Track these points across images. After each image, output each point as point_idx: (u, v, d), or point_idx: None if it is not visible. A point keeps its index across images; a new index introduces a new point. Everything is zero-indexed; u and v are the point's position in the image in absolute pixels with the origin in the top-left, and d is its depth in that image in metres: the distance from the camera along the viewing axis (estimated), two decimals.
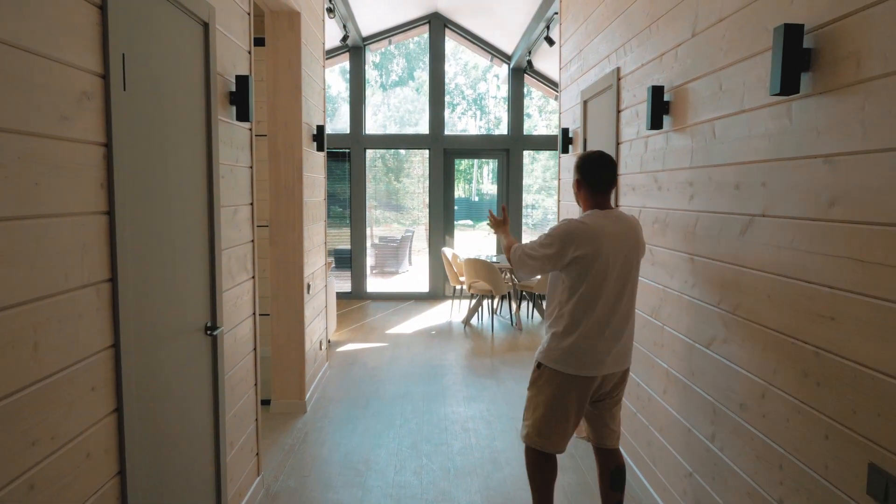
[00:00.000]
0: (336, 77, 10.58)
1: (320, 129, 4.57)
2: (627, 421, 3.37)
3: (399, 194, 12.35)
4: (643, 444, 3.14)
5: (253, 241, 3.00)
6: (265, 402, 4.32)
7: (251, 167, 2.96)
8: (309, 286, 4.42)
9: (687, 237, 2.59)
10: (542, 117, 13.38)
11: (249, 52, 2.92)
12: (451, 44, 9.06)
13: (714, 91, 2.33)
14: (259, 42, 4.15)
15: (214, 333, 2.39)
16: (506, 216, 2.90)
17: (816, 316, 1.72)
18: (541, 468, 2.57)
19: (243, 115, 2.67)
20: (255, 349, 3.06)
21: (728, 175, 2.23)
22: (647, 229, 3.05)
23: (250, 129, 2.94)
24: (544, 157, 12.44)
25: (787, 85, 1.73)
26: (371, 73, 12.40)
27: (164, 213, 2.01)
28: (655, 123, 2.81)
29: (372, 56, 11.81)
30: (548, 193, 14.04)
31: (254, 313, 3.04)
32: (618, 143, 3.52)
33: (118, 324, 1.71)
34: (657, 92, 2.78)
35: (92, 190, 1.59)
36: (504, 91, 9.27)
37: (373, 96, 12.32)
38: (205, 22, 2.31)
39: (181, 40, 2.14)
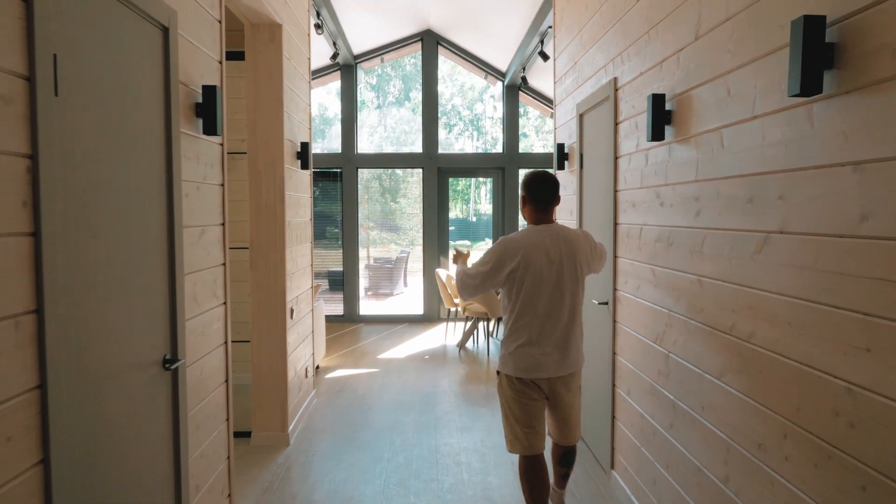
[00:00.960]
0: (333, 99, 10.44)
1: (304, 146, 4.37)
2: (631, 454, 3.12)
3: (395, 215, 12.17)
4: (648, 482, 2.89)
5: (224, 264, 2.78)
6: (245, 434, 4.07)
7: (222, 185, 2.75)
8: (292, 311, 4.19)
9: (694, 256, 2.38)
10: (538, 137, 13.24)
11: (220, 63, 2.73)
12: (449, 64, 8.94)
13: (721, 97, 2.14)
14: (239, 56, 3.98)
15: (174, 367, 2.15)
16: (465, 254, 3.04)
17: (848, 346, 1.50)
18: (526, 472, 2.73)
19: (211, 129, 2.47)
20: (226, 381, 2.82)
21: (739, 188, 2.02)
22: (650, 248, 2.83)
23: (221, 145, 2.73)
24: None
25: (809, 84, 1.52)
26: (367, 95, 12.31)
27: (110, 235, 1.79)
28: (657, 134, 2.61)
29: (367, 77, 11.72)
30: None
31: (225, 342, 2.81)
32: (616, 158, 3.32)
33: (45, 361, 1.48)
34: (658, 101, 2.59)
35: (10, 208, 1.38)
36: (500, 110, 9.13)
37: (369, 118, 12.20)
38: (164, 26, 2.12)
39: (134, 44, 1.95)
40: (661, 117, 2.59)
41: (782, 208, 1.78)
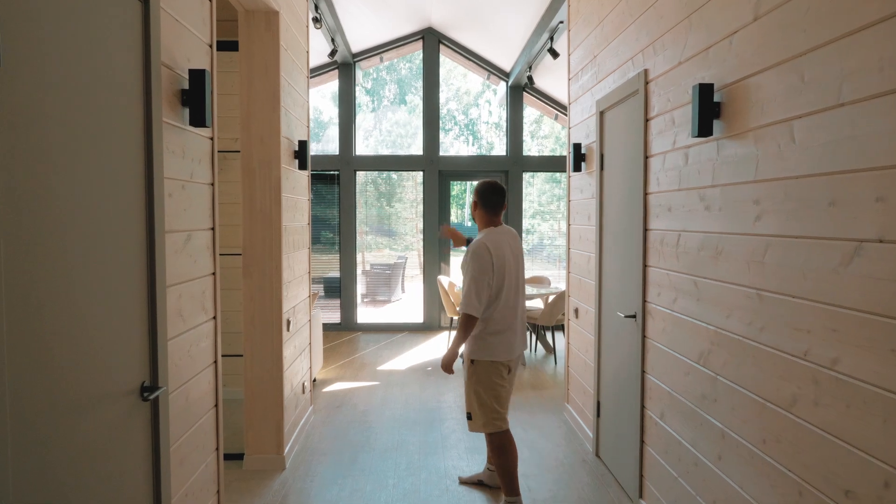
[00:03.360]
0: (328, 103, 10.13)
1: (303, 144, 4.06)
2: (665, 484, 2.82)
3: (391, 219, 11.86)
4: None
5: (214, 273, 2.47)
6: (238, 457, 3.74)
7: (212, 184, 2.44)
8: (289, 322, 3.87)
9: (752, 268, 2.08)
10: (534, 141, 12.97)
11: (211, 47, 2.43)
12: (445, 68, 8.64)
13: (792, 84, 1.84)
14: (233, 46, 3.67)
15: (153, 396, 1.83)
16: (450, 231, 3.65)
17: None
18: (508, 446, 3.12)
19: (199, 120, 2.16)
20: (216, 405, 2.50)
21: (818, 189, 1.73)
22: (691, 257, 2.54)
23: (211, 139, 2.42)
24: (539, 180, 12.00)
25: None
26: (363, 98, 12.01)
27: (72, 240, 1.48)
28: (703, 130, 2.32)
29: (365, 81, 11.41)
30: (543, 218, 13.55)
31: (215, 361, 2.49)
32: (646, 157, 3.03)
33: None
34: (705, 91, 2.30)
35: None
36: (496, 115, 8.85)
37: (364, 121, 11.90)
38: None
39: (106, 14, 1.64)
40: (708, 110, 2.30)
41: (882, 212, 1.48)
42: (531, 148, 12.75)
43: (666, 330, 2.82)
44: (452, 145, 14.62)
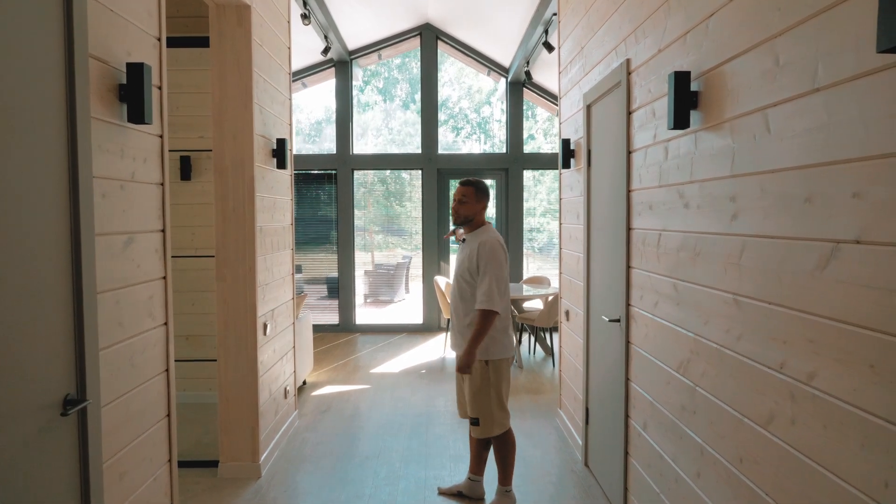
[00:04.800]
0: (330, 101, 10.01)
1: (282, 143, 3.94)
2: (647, 499, 2.66)
3: (400, 219, 11.73)
4: None
5: (165, 277, 2.35)
6: (213, 464, 3.63)
7: (161, 184, 2.32)
8: (266, 326, 3.75)
9: (728, 270, 1.92)
10: (546, 140, 12.76)
11: (160, 40, 2.30)
12: (457, 66, 8.49)
13: (766, 68, 1.68)
14: (206, 43, 3.56)
15: (73, 410, 1.71)
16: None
17: None
18: (513, 439, 3.20)
19: (138, 116, 2.03)
20: (168, 415, 2.38)
21: (793, 184, 1.57)
22: (671, 258, 2.38)
23: (160, 137, 2.30)
24: (549, 178, 11.81)
25: None
26: (364, 97, 11.89)
27: None
28: (680, 121, 2.16)
29: (367, 79, 11.29)
30: (553, 216, 13.35)
31: (167, 369, 2.37)
32: (629, 152, 2.87)
33: None
34: (681, 80, 2.14)
35: None
36: (506, 112, 8.70)
37: (361, 119, 11.77)
38: None
39: (16, 3, 1.52)
40: (685, 100, 2.14)
41: (860, 210, 1.32)
42: (542, 146, 12.56)
43: (649, 336, 2.66)
44: (465, 143, 14.46)
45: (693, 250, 2.18)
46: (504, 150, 8.41)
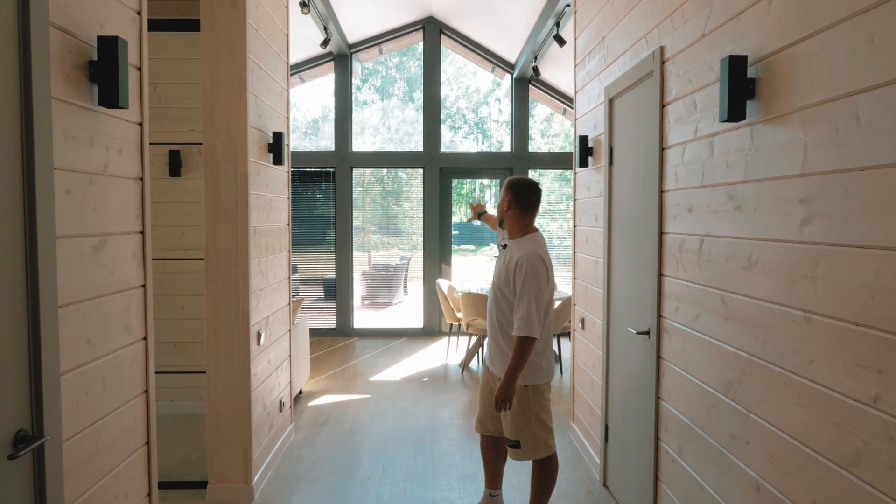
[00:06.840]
0: (329, 97, 9.74)
1: (278, 137, 3.66)
2: None
3: (398, 219, 11.46)
4: None
5: (144, 285, 2.07)
6: (200, 485, 3.35)
7: (140, 179, 2.04)
8: (260, 335, 3.47)
9: (797, 284, 1.65)
10: (544, 140, 12.51)
11: (139, 14, 2.02)
12: (461, 63, 8.22)
13: (852, 49, 1.41)
14: (195, 26, 3.27)
15: (23, 452, 1.42)
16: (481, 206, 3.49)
17: None
18: (556, 469, 2.92)
19: (112, 99, 1.75)
20: (147, 442, 2.10)
21: (891, 183, 1.30)
22: (717, 267, 2.11)
23: (139, 125, 2.02)
24: (548, 179, 11.56)
25: None
26: (370, 95, 11.63)
27: None
28: (734, 113, 1.89)
29: (366, 76, 11.01)
30: (552, 217, 13.08)
31: (146, 390, 2.10)
32: (662, 149, 2.60)
33: None
34: (737, 66, 1.86)
35: None
36: (506, 113, 8.43)
37: (360, 116, 11.49)
38: None
39: None
40: (740, 88, 1.87)
41: None
42: (541, 146, 12.30)
43: (686, 351, 2.39)
44: (462, 143, 14.20)
45: (747, 259, 1.91)
46: (504, 149, 8.13)
